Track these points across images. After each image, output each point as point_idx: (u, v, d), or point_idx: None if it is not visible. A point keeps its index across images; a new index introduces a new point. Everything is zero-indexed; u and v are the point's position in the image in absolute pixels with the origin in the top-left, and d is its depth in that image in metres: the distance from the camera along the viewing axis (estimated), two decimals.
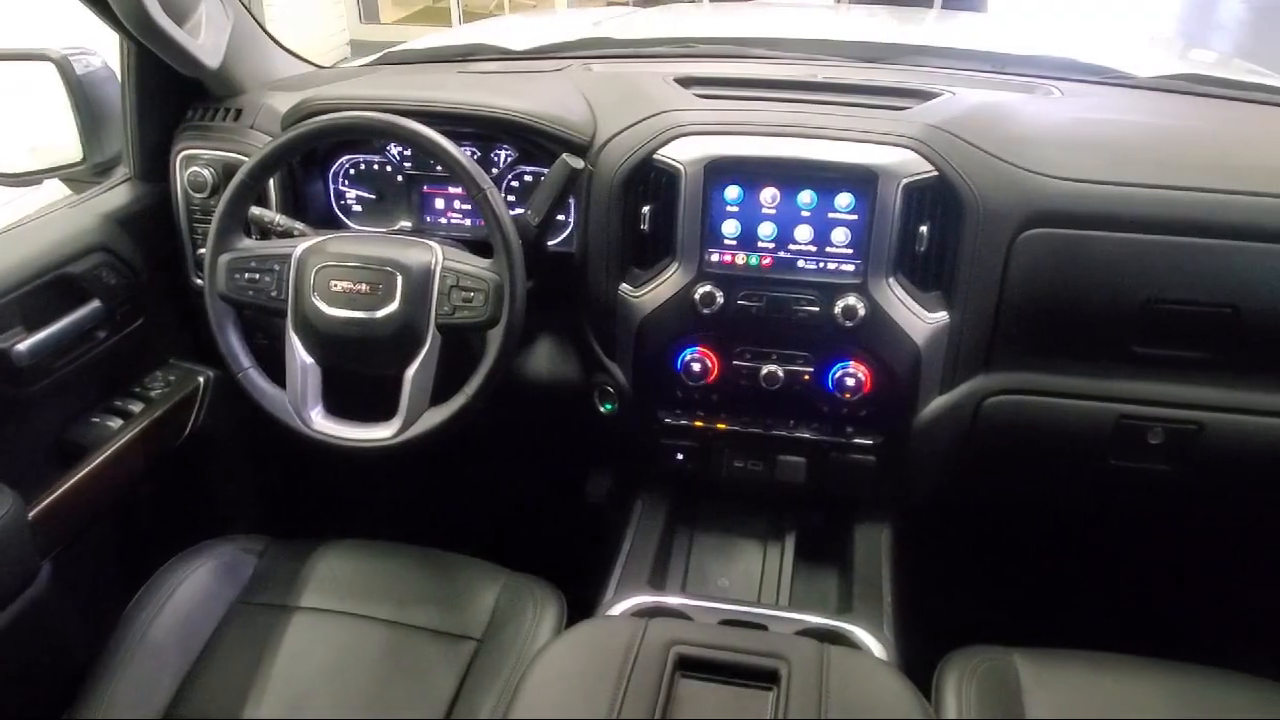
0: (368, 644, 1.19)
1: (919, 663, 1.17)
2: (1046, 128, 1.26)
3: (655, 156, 1.23)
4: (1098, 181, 1.17)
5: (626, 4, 6.18)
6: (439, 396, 1.21)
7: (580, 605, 1.26)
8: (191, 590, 1.25)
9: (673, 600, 1.25)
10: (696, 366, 1.28)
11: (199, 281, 1.40)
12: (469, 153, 1.37)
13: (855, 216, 1.20)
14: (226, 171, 1.37)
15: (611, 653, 0.96)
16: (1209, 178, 1.17)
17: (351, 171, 1.45)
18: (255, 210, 1.29)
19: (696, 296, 1.24)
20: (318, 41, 6.82)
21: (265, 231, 1.33)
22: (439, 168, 1.36)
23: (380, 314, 1.17)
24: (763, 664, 0.94)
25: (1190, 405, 1.24)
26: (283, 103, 1.40)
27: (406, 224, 1.45)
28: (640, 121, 1.26)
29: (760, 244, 1.23)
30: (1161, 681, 1.12)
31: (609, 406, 1.39)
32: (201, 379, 1.49)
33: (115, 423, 1.35)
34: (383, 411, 1.20)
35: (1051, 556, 1.68)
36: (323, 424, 1.22)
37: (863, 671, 0.96)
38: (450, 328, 1.19)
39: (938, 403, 1.27)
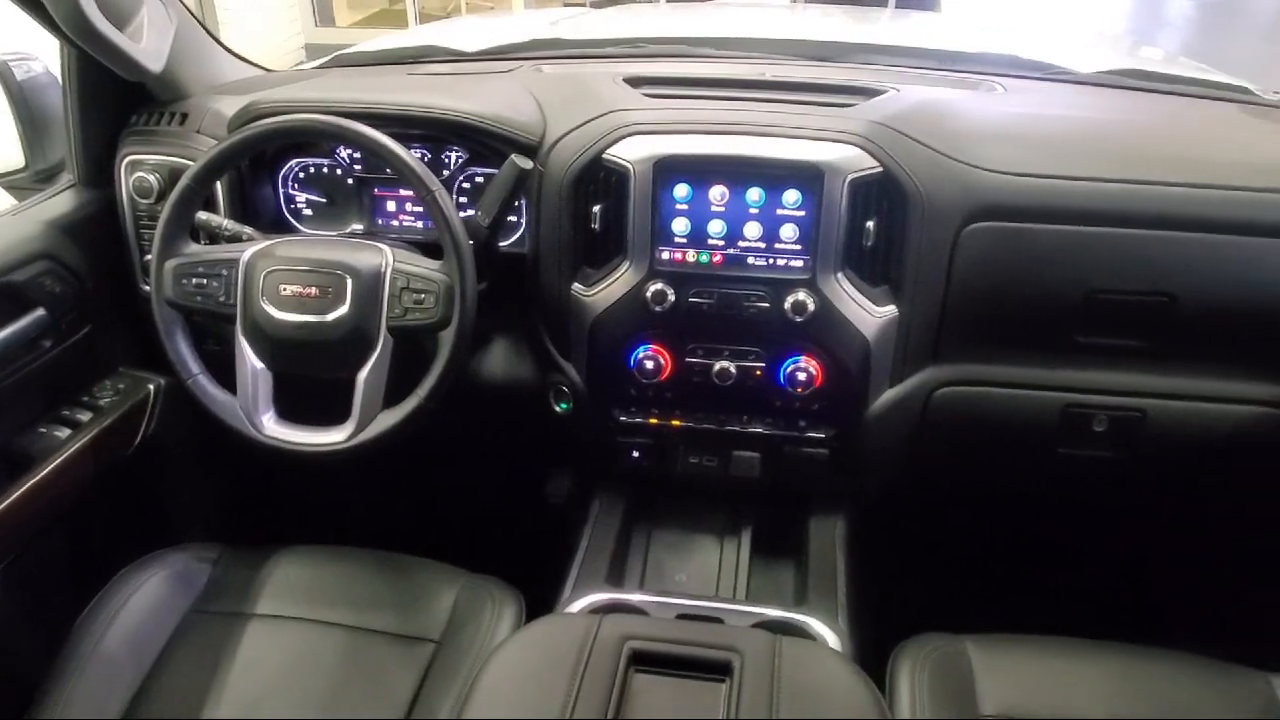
0: (324, 649, 1.18)
1: (874, 652, 1.19)
2: (989, 123, 1.29)
3: (604, 156, 1.23)
4: (1038, 175, 1.20)
5: (583, 4, 6.18)
6: (392, 399, 1.21)
7: (540, 605, 1.26)
8: (144, 600, 1.23)
9: (630, 596, 1.26)
10: (650, 364, 1.29)
11: (147, 288, 1.39)
12: (419, 155, 1.37)
13: (803, 213, 1.21)
14: (172, 176, 1.36)
15: (566, 649, 0.96)
16: (1147, 170, 1.19)
17: (301, 175, 1.44)
18: (202, 215, 1.28)
19: (648, 295, 1.25)
20: (272, 46, 6.74)
21: (214, 236, 1.31)
22: (389, 170, 1.36)
23: (331, 317, 1.17)
24: (715, 656, 0.95)
25: (1132, 393, 1.27)
26: (229, 106, 1.39)
27: (358, 227, 1.44)
28: (589, 121, 1.27)
29: (710, 241, 1.24)
30: (1109, 663, 1.15)
31: (564, 406, 1.39)
32: (151, 386, 1.47)
33: (63, 432, 1.33)
34: (336, 415, 1.20)
35: (1003, 544, 1.71)
36: (275, 429, 1.21)
37: (814, 661, 0.98)
38: (402, 330, 1.19)
39: (888, 395, 1.29)
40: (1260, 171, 1.19)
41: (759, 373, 1.28)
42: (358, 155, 1.42)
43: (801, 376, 1.26)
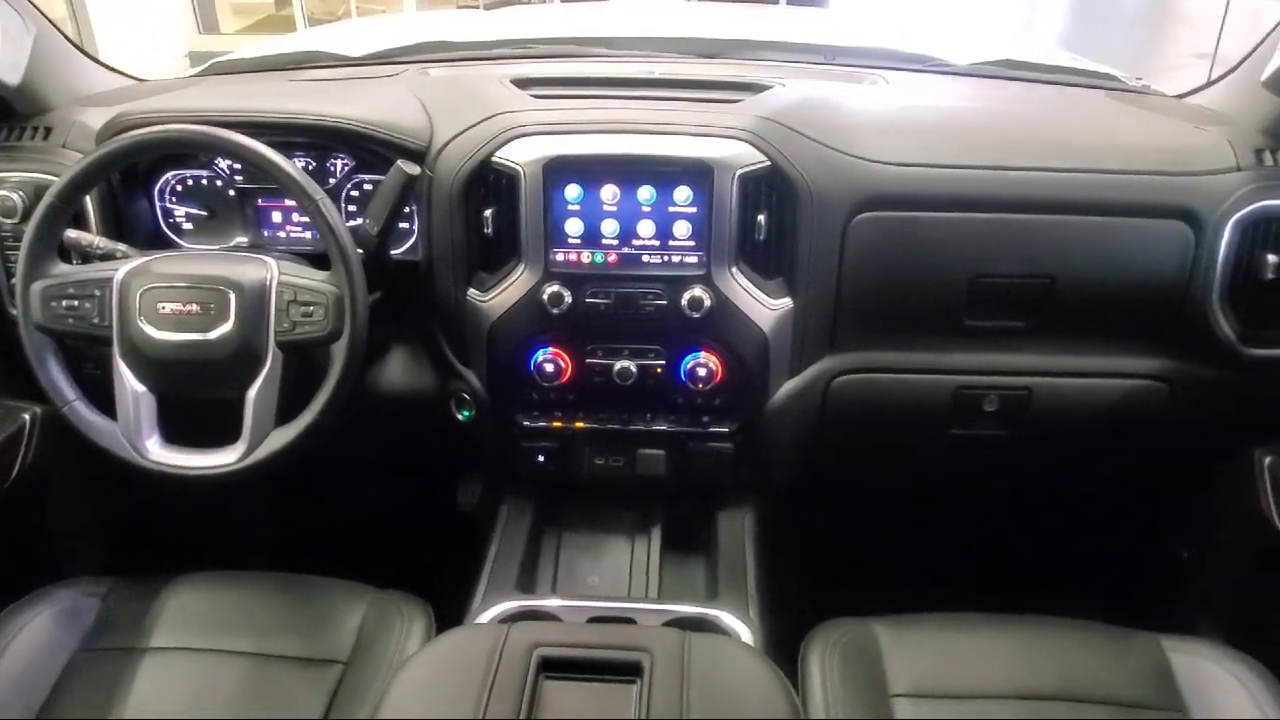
0: (226, 680, 1.14)
1: (787, 641, 1.20)
2: (872, 115, 1.32)
3: (493, 159, 1.22)
4: (920, 165, 1.23)
5: (477, 6, 6.12)
6: (286, 416, 1.17)
7: (453, 617, 1.24)
8: (28, 642, 1.17)
9: (542, 602, 1.25)
10: (550, 367, 1.28)
11: (14, 312, 1.31)
12: (303, 164, 1.33)
13: (695, 209, 1.22)
14: (37, 194, 1.29)
15: (473, 661, 0.94)
16: (1020, 157, 1.24)
17: (179, 188, 1.38)
18: (72, 233, 1.22)
19: (544, 297, 1.24)
20: (153, 55, 6.48)
21: (85, 255, 1.25)
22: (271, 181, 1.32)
23: (214, 335, 1.13)
24: (625, 658, 0.95)
25: (1019, 372, 1.32)
26: (97, 118, 1.33)
27: (243, 240, 1.40)
28: (476, 124, 1.25)
29: (604, 241, 1.24)
30: (1011, 636, 1.18)
31: (466, 413, 1.37)
32: (27, 416, 1.39)
33: None
34: (226, 436, 1.16)
35: (906, 526, 1.76)
36: (161, 453, 1.16)
37: (724, 656, 0.98)
38: (291, 344, 1.15)
39: (788, 386, 1.31)
40: (1125, 154, 1.25)
41: (659, 370, 1.28)
42: (238, 166, 1.37)
43: (702, 372, 1.27)
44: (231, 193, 1.38)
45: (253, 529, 1.80)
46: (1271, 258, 1.23)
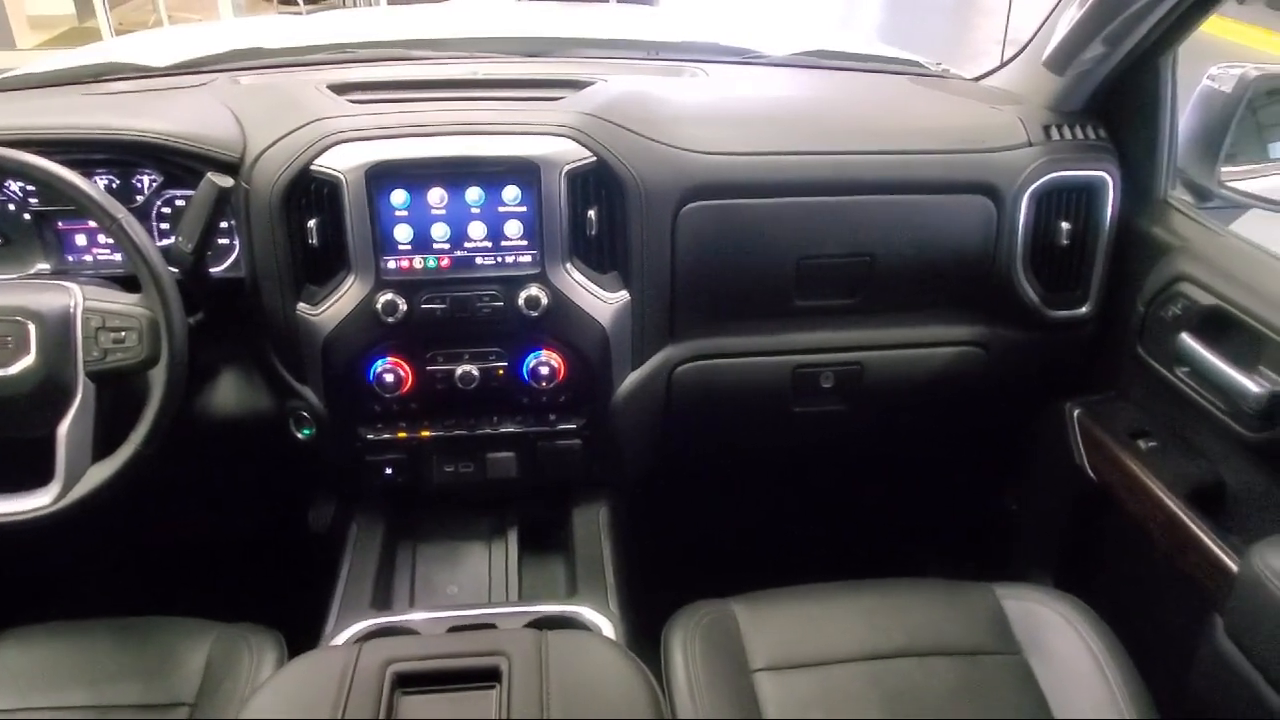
0: None
1: (650, 630, 1.22)
2: (693, 107, 1.35)
3: (312, 167, 1.18)
4: (742, 153, 1.27)
5: (299, 11, 5.91)
6: (106, 449, 1.10)
7: (307, 645, 1.20)
8: None
9: (399, 618, 1.22)
10: (390, 378, 1.25)
11: None
12: (105, 182, 1.26)
13: (524, 208, 1.21)
14: None
15: (324, 685, 0.91)
16: (833, 141, 1.30)
17: None
18: None
19: (378, 306, 1.21)
20: None
21: None
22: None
23: (14, 370, 1.05)
24: (482, 664, 0.94)
25: (851, 348, 1.38)
26: None
27: (44, 266, 1.30)
28: (292, 132, 1.21)
29: (436, 245, 1.22)
30: (860, 601, 1.24)
31: (307, 431, 1.32)
32: None
33: None
34: (38, 477, 1.08)
35: (759, 505, 1.81)
36: None
37: (583, 651, 0.98)
38: (104, 374, 1.08)
39: (632, 378, 1.33)
40: (929, 135, 1.32)
41: (502, 372, 1.28)
42: (31, 187, 1.27)
43: (545, 370, 1.27)
44: (27, 216, 1.28)
45: (85, 574, 1.69)
46: (1065, 225, 1.34)
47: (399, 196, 1.20)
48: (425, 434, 1.33)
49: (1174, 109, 1.32)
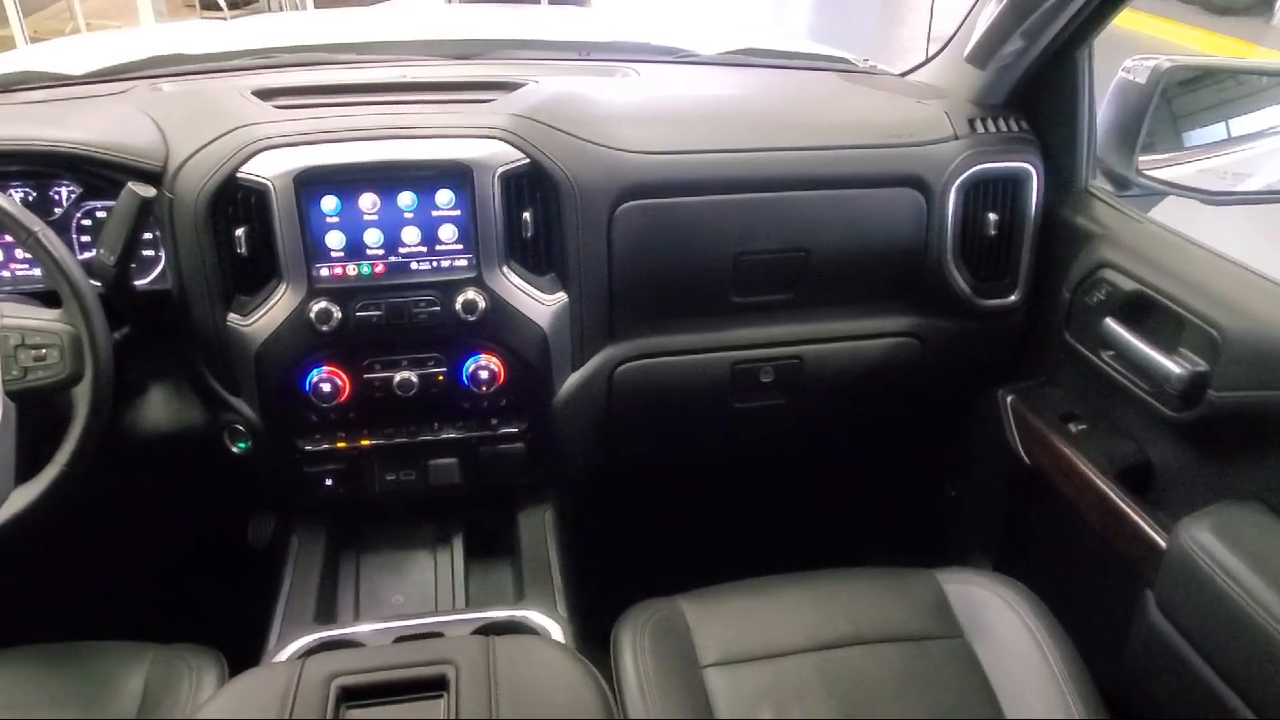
0: None
1: (600, 631, 1.21)
2: (624, 107, 1.35)
3: (238, 175, 1.16)
4: (674, 152, 1.28)
5: (223, 16, 5.78)
6: (29, 472, 1.06)
7: (250, 663, 1.17)
8: None
9: (344, 631, 1.20)
10: (326, 387, 1.23)
11: None
12: (20, 195, 1.22)
13: (459, 212, 1.20)
14: None
15: (266, 703, 0.89)
16: (764, 138, 1.31)
17: None
18: None
19: (312, 315, 1.19)
20: None
21: None
22: None
23: None
24: (428, 674, 0.92)
25: (789, 342, 1.39)
26: None
27: None
28: (216, 139, 1.18)
29: (369, 252, 1.20)
30: (806, 592, 1.25)
31: (242, 445, 1.30)
32: None
33: None
34: None
35: (704, 501, 1.82)
36: None
37: (530, 655, 0.98)
38: (24, 393, 1.04)
39: (572, 380, 1.32)
40: (858, 130, 1.34)
41: (441, 378, 1.26)
42: None
43: (484, 375, 1.26)
44: None
45: (12, 599, 1.63)
46: (992, 216, 1.37)
47: (329, 203, 1.18)
48: (365, 443, 1.31)
49: (1092, 101, 1.36)
